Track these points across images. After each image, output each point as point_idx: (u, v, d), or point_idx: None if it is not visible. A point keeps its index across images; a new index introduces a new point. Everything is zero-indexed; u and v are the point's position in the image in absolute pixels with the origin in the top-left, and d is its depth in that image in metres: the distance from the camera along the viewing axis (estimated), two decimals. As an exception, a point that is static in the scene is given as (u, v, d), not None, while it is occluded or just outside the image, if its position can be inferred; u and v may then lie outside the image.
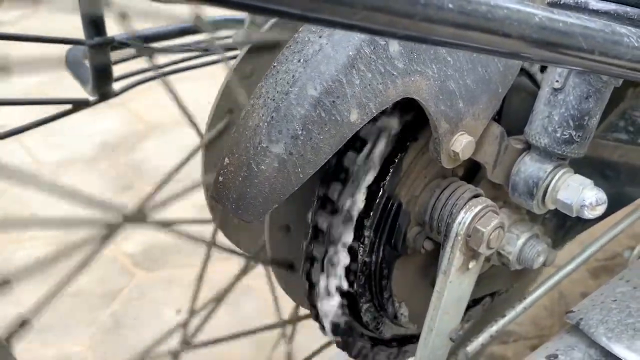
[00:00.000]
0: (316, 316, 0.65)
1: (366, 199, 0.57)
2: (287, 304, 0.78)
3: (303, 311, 0.76)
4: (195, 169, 0.72)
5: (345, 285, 0.61)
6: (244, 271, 0.68)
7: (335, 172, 0.57)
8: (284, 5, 0.27)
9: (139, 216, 0.56)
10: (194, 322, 0.70)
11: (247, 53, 0.67)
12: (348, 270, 0.60)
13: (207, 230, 0.72)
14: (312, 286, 0.62)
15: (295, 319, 0.77)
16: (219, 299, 0.70)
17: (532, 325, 1.27)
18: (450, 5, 0.32)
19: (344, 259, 0.59)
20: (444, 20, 0.32)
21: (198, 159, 0.71)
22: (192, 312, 0.68)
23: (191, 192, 0.61)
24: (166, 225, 0.61)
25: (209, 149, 0.68)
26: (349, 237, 0.57)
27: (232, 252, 0.70)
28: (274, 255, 0.63)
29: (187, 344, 0.67)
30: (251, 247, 0.75)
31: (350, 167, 0.56)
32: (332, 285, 0.61)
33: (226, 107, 0.70)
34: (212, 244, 0.66)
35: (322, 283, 0.60)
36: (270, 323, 0.76)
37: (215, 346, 0.72)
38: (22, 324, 0.50)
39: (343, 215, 0.56)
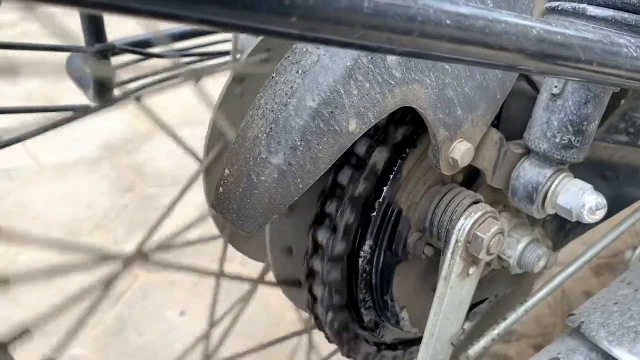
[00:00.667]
0: (320, 326, 0.65)
1: (365, 208, 0.57)
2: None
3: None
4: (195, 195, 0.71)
5: (345, 298, 0.62)
6: (251, 293, 0.68)
7: (331, 187, 0.57)
8: (284, 26, 0.27)
9: (140, 258, 0.56)
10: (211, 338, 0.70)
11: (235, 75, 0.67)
12: (349, 280, 0.60)
13: (214, 246, 0.72)
14: (315, 299, 0.62)
15: (311, 328, 0.77)
16: (239, 310, 0.70)
17: (535, 323, 1.27)
18: (448, 22, 0.32)
19: (343, 270, 0.59)
20: (442, 36, 0.32)
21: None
22: (211, 325, 0.68)
23: (189, 229, 0.61)
24: (170, 265, 0.61)
25: (208, 174, 0.69)
26: (348, 249, 0.58)
27: (240, 278, 0.70)
28: (278, 275, 0.64)
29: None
30: (259, 256, 0.75)
31: (345, 181, 0.56)
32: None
33: (220, 130, 0.70)
34: (220, 274, 0.67)
35: (323, 295, 0.60)
36: (287, 333, 0.77)
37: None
38: (23, 332, 0.50)
39: (341, 229, 0.57)
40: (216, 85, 0.71)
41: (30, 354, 1.20)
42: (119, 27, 0.93)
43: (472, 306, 0.75)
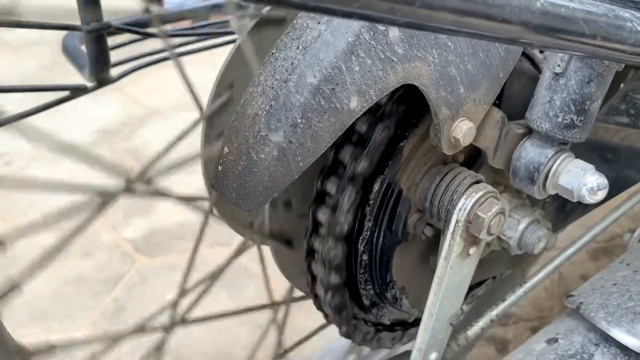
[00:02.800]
0: (319, 306, 0.65)
1: (365, 187, 0.57)
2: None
3: (297, 293, 0.76)
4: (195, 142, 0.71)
5: (345, 275, 0.62)
6: (241, 249, 0.68)
7: (333, 163, 0.57)
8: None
9: (141, 181, 0.55)
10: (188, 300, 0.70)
11: (252, 29, 0.65)
12: (349, 259, 0.60)
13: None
14: (314, 278, 0.62)
15: (288, 301, 0.77)
16: (214, 277, 0.70)
17: (532, 306, 1.28)
18: (451, -8, 0.31)
19: (343, 249, 0.59)
20: (445, 7, 0.31)
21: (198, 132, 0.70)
22: (183, 292, 0.68)
23: (192, 161, 0.60)
24: (162, 193, 0.60)
25: (209, 123, 0.67)
26: (348, 228, 0.57)
27: (229, 223, 0.69)
28: (273, 229, 0.63)
29: (177, 321, 0.67)
30: (244, 229, 0.74)
31: (347, 158, 0.56)
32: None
33: (228, 81, 0.69)
34: (209, 212, 0.66)
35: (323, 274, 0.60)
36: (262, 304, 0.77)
37: (210, 327, 0.72)
38: (12, 288, 0.49)
39: (342, 207, 0.56)
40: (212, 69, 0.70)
41: (31, 331, 1.20)
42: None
43: (470, 288, 0.75)
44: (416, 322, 0.76)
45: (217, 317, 0.72)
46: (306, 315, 0.74)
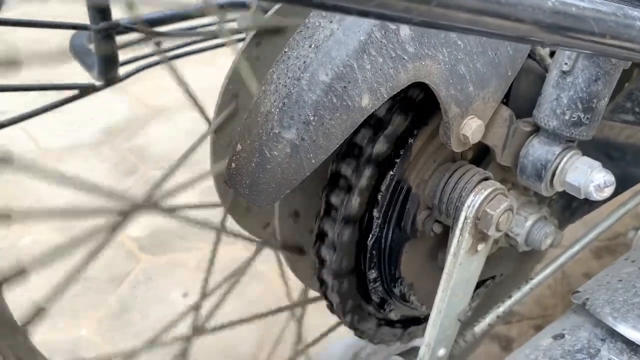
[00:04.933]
0: (325, 293, 0.65)
1: (376, 181, 0.57)
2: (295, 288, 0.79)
3: (312, 294, 0.77)
4: (202, 155, 0.72)
5: (352, 265, 0.62)
6: (255, 256, 0.69)
7: (347, 149, 0.57)
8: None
9: (149, 203, 0.56)
10: (205, 307, 0.70)
11: (253, 37, 0.66)
12: (358, 248, 0.60)
13: (215, 215, 0.72)
14: (323, 262, 0.62)
15: (304, 301, 0.78)
16: (231, 283, 0.70)
17: (535, 304, 1.28)
18: (466, -9, 0.32)
19: (354, 235, 0.59)
20: (460, 6, 0.32)
21: (205, 144, 0.71)
22: (203, 296, 0.68)
23: (200, 180, 0.62)
24: (175, 210, 0.61)
25: (217, 135, 0.68)
26: (360, 213, 0.58)
27: (242, 237, 0.70)
28: (284, 240, 0.64)
29: (199, 329, 0.68)
30: (259, 231, 0.75)
31: (363, 145, 0.56)
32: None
33: (233, 91, 0.70)
34: (221, 229, 0.67)
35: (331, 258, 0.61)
36: (279, 306, 0.77)
37: (225, 331, 0.73)
38: (38, 312, 0.51)
39: (355, 192, 0.57)
40: (216, 69, 0.70)
41: (36, 329, 1.21)
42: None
43: (478, 285, 0.76)
44: (420, 320, 0.76)
45: (238, 323, 0.73)
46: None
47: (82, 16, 0.75)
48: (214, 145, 0.70)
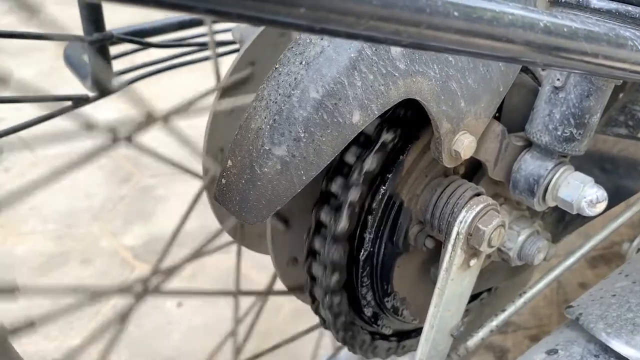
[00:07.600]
0: (317, 310, 0.65)
1: (368, 196, 0.57)
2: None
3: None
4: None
5: (344, 281, 0.62)
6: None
7: (338, 167, 0.57)
8: (291, 17, 0.27)
9: (147, 289, 0.57)
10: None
11: (223, 92, 0.67)
12: (349, 264, 0.60)
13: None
14: (314, 279, 0.62)
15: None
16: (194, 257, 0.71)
17: (531, 315, 1.28)
18: (456, 14, 0.31)
19: (345, 252, 0.59)
20: (450, 28, 0.32)
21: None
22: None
23: (195, 259, 0.62)
24: (185, 292, 0.63)
25: (209, 190, 0.69)
26: (350, 228, 0.58)
27: (255, 293, 0.71)
28: (288, 285, 0.65)
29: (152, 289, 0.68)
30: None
31: (353, 162, 0.56)
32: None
33: (217, 146, 0.71)
34: (237, 292, 0.68)
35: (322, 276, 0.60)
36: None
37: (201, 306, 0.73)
38: (29, 325, 0.51)
39: (345, 211, 0.56)
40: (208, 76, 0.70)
41: (30, 339, 1.20)
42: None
43: (471, 299, 0.76)
44: (413, 333, 0.76)
45: (187, 293, 0.73)
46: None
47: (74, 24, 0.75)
48: (208, 146, 0.70)
